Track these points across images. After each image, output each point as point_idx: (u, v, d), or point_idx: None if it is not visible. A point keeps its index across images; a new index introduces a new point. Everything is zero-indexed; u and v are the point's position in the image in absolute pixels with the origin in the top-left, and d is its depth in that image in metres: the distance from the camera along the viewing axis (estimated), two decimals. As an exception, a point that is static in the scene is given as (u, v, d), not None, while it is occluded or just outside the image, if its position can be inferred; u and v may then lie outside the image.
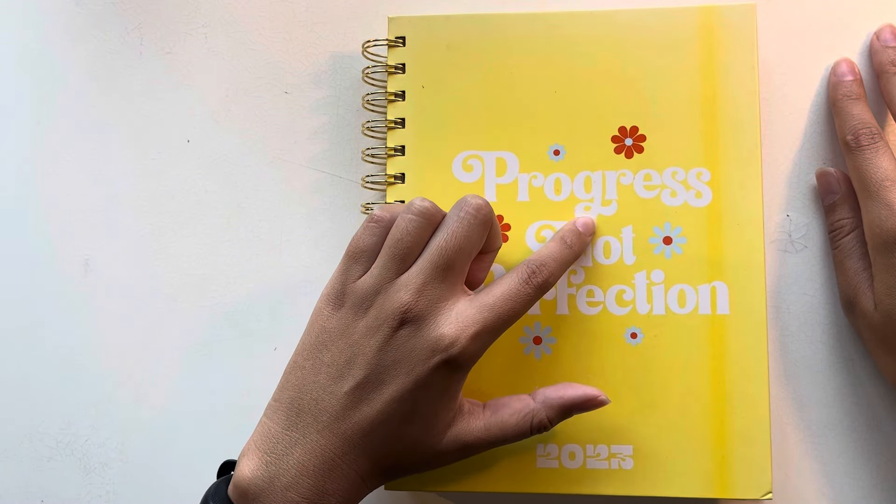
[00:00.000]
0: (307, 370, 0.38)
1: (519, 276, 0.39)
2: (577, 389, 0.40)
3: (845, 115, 0.44)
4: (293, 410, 0.38)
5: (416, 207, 0.39)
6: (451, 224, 0.38)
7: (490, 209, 0.39)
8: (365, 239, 0.39)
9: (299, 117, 0.49)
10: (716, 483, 0.42)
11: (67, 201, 0.50)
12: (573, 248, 0.42)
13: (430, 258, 0.38)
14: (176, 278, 0.49)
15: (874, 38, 0.45)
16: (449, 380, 0.37)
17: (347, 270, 0.39)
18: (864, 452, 0.45)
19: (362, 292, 0.38)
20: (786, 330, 0.45)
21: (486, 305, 0.38)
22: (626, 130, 0.44)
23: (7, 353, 0.49)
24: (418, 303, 0.37)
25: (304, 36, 0.49)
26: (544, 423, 0.40)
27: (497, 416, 0.39)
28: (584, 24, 0.44)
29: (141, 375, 0.48)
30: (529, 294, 0.39)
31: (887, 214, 0.41)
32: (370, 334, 0.37)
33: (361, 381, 0.37)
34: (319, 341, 0.38)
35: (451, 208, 0.39)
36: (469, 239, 0.38)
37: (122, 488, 0.48)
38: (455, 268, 0.38)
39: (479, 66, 0.45)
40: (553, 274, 0.40)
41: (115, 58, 0.50)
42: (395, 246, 0.38)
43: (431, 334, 0.37)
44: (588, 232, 0.43)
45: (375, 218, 0.39)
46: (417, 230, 0.38)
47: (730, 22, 0.44)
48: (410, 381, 0.37)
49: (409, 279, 0.38)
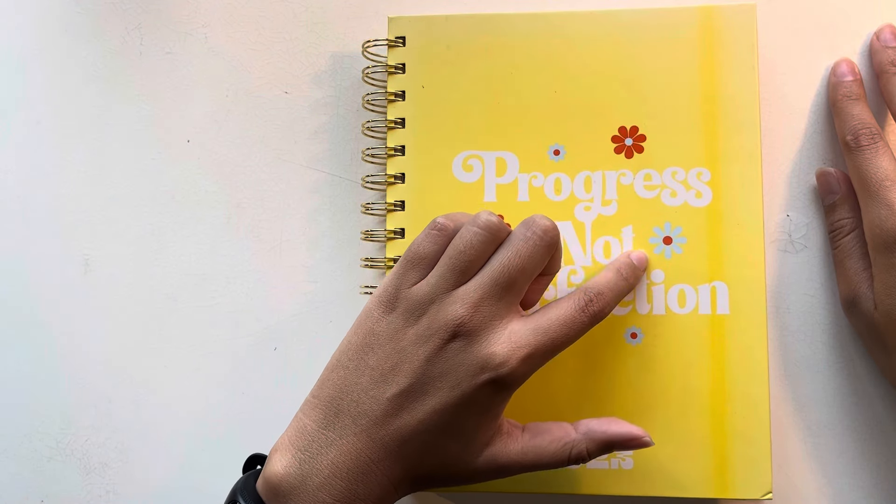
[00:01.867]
0: (350, 370, 0.37)
1: (576, 304, 0.38)
2: (623, 427, 0.39)
3: (845, 116, 0.44)
4: (332, 410, 0.37)
5: (483, 221, 0.38)
6: (517, 242, 0.38)
7: (558, 232, 0.38)
8: (426, 246, 0.38)
9: (299, 117, 0.49)
10: (716, 483, 0.42)
11: (67, 201, 0.50)
12: (628, 280, 0.41)
13: (491, 274, 0.37)
14: (176, 278, 0.49)
15: (874, 38, 0.45)
16: (493, 399, 0.37)
17: (403, 275, 0.38)
18: (864, 452, 0.45)
19: (416, 299, 0.37)
20: (786, 330, 0.45)
21: (541, 329, 0.37)
22: (626, 130, 0.44)
23: (7, 353, 0.49)
24: (473, 318, 0.37)
25: (304, 36, 0.49)
26: (583, 456, 0.38)
27: (535, 441, 0.38)
28: (584, 24, 0.44)
29: (141, 375, 0.48)
30: (584, 322, 0.38)
31: (887, 214, 0.41)
32: (420, 343, 0.37)
33: (405, 388, 0.36)
34: (366, 343, 0.38)
35: (518, 226, 0.38)
36: (533, 260, 0.38)
37: (122, 488, 0.48)
38: (515, 287, 0.37)
39: (479, 66, 0.45)
40: (608, 304, 0.39)
41: (115, 58, 0.50)
42: (457, 257, 0.38)
43: (482, 351, 0.36)
44: (642, 266, 0.42)
45: (438, 226, 0.39)
46: (482, 244, 0.38)
47: (730, 22, 0.44)
48: (455, 395, 0.36)
49: (467, 293, 0.37)
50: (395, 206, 0.45)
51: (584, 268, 0.44)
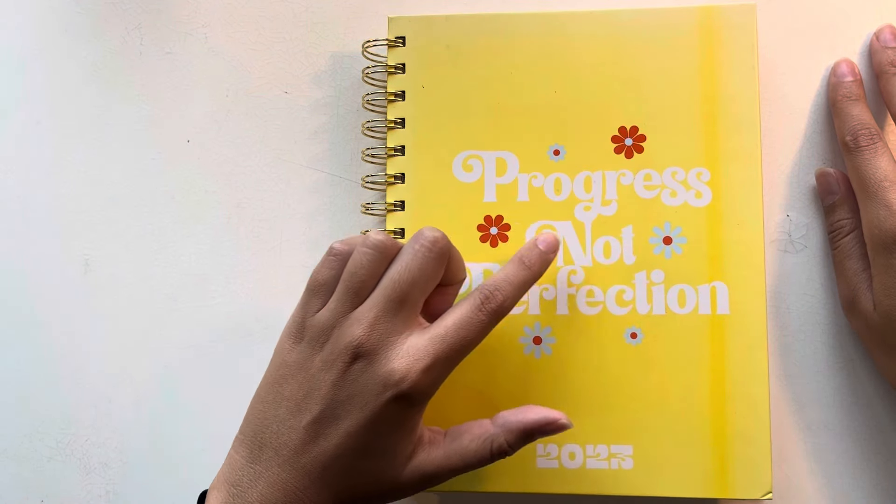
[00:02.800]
0: (268, 404, 0.38)
1: (472, 303, 0.38)
2: (538, 412, 0.39)
3: (845, 116, 0.44)
4: (256, 444, 0.38)
5: (371, 241, 0.38)
6: (406, 257, 0.38)
7: (447, 242, 0.38)
8: (323, 272, 0.39)
9: (299, 117, 0.49)
10: (716, 483, 0.42)
11: (67, 201, 0.50)
12: (532, 268, 0.40)
13: (382, 292, 0.38)
14: (176, 278, 0.49)
15: (874, 38, 0.45)
16: (404, 414, 0.37)
17: (307, 304, 0.39)
18: (864, 452, 0.45)
19: (320, 326, 0.38)
20: (786, 330, 0.45)
21: (438, 336, 0.37)
22: (626, 130, 0.44)
23: (7, 353, 0.49)
24: (370, 337, 0.37)
25: (304, 36, 0.49)
26: (504, 448, 0.39)
27: (456, 444, 0.39)
28: (584, 24, 0.44)
29: (141, 375, 0.48)
30: (483, 321, 0.38)
31: (886, 215, 0.41)
32: (326, 369, 0.37)
33: (318, 415, 0.37)
34: (280, 375, 0.38)
35: (408, 241, 0.39)
36: (423, 272, 0.38)
37: (122, 488, 0.48)
38: (409, 301, 0.38)
39: (479, 66, 0.45)
40: (508, 298, 0.39)
41: (115, 58, 0.50)
42: (350, 279, 0.38)
43: (382, 369, 0.37)
44: (550, 249, 0.41)
45: (334, 251, 0.39)
46: (371, 263, 0.38)
47: (730, 22, 0.44)
48: (365, 416, 0.36)
49: (362, 313, 0.37)
50: (395, 206, 0.45)
51: (584, 268, 0.44)
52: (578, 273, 0.44)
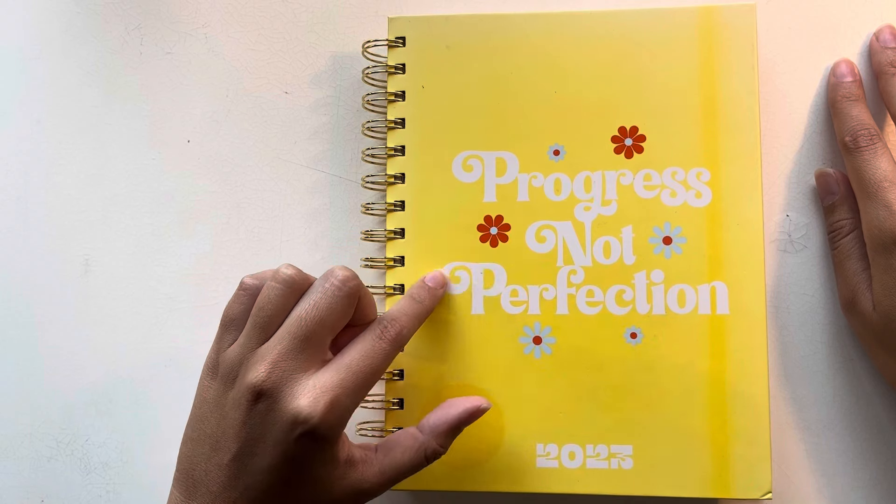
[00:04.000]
0: (194, 441, 0.38)
1: (372, 334, 0.39)
2: (458, 406, 0.40)
3: (844, 117, 0.44)
4: (189, 482, 0.38)
5: (281, 275, 0.38)
6: (315, 295, 0.38)
7: (358, 282, 0.38)
8: (234, 307, 0.39)
9: (299, 117, 0.49)
10: (716, 483, 0.42)
11: (67, 201, 0.50)
12: (423, 303, 0.42)
13: (288, 329, 0.38)
14: (176, 278, 0.49)
15: (873, 38, 0.45)
16: (318, 448, 0.37)
17: (221, 339, 0.39)
18: (864, 452, 0.45)
19: (230, 362, 0.38)
20: (786, 330, 0.45)
21: (343, 366, 0.38)
22: (626, 130, 0.44)
23: (7, 353, 0.49)
24: (271, 375, 0.37)
25: (304, 36, 0.49)
26: (437, 451, 0.40)
27: (389, 458, 0.39)
28: (584, 24, 0.44)
29: (141, 375, 0.48)
30: (385, 349, 0.39)
31: (886, 215, 0.41)
32: (235, 407, 0.37)
33: (236, 453, 0.37)
34: (201, 413, 0.38)
35: (318, 278, 0.39)
36: (332, 311, 0.38)
37: (122, 488, 0.48)
38: (314, 339, 0.37)
39: (479, 66, 0.45)
40: (405, 327, 0.40)
41: (115, 58, 0.50)
42: (258, 315, 0.38)
43: (287, 408, 0.36)
44: (437, 285, 0.43)
45: (244, 286, 0.39)
46: (279, 298, 0.38)
47: (730, 22, 0.44)
48: (279, 453, 0.36)
49: (267, 350, 0.37)
50: (395, 206, 0.45)
51: (583, 268, 0.44)
52: (578, 273, 0.44)
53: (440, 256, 0.44)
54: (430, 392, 0.44)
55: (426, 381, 0.44)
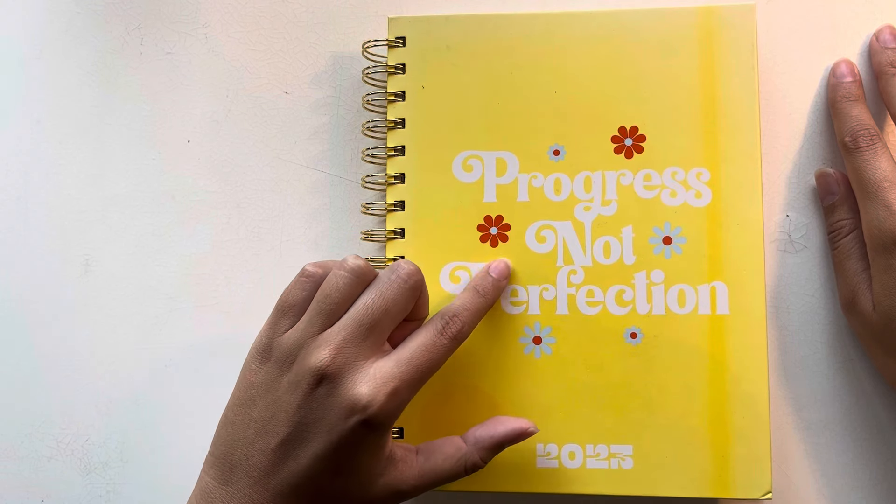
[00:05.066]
0: (237, 425, 0.38)
1: (434, 328, 0.39)
2: (507, 425, 0.40)
3: (844, 117, 0.44)
4: (227, 465, 0.38)
5: (349, 265, 0.38)
6: (381, 285, 0.38)
7: (422, 277, 0.39)
8: (295, 293, 0.39)
9: (299, 117, 0.49)
10: (716, 483, 0.42)
11: (67, 201, 0.50)
12: (486, 296, 0.42)
13: (354, 316, 0.38)
14: (176, 278, 0.49)
15: (873, 39, 0.45)
16: (371, 437, 0.37)
17: (275, 324, 0.39)
18: (864, 452, 0.45)
19: (287, 347, 0.38)
20: (786, 330, 0.45)
21: (404, 360, 0.38)
22: (626, 130, 0.44)
23: (7, 353, 0.49)
24: (335, 360, 0.37)
25: (304, 36, 0.49)
26: (478, 464, 0.40)
27: (430, 463, 0.39)
28: (584, 24, 0.44)
29: (141, 375, 0.48)
30: (445, 345, 0.39)
31: (886, 215, 0.41)
32: (291, 390, 0.37)
33: (286, 438, 0.37)
34: (248, 396, 0.38)
35: (384, 270, 0.39)
36: (397, 302, 0.38)
37: (122, 488, 0.48)
38: (378, 328, 0.38)
39: (479, 66, 0.45)
40: (467, 323, 0.40)
41: (115, 58, 0.50)
42: (324, 301, 0.38)
43: (348, 394, 0.36)
44: (501, 277, 0.43)
45: (307, 273, 0.39)
46: (347, 287, 0.38)
47: (729, 22, 0.44)
48: (332, 439, 0.36)
49: (331, 335, 0.38)
50: (395, 206, 0.45)
51: (584, 268, 0.44)
52: (578, 273, 0.44)
53: (440, 256, 0.44)
54: (430, 393, 0.44)
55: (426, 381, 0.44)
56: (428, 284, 0.44)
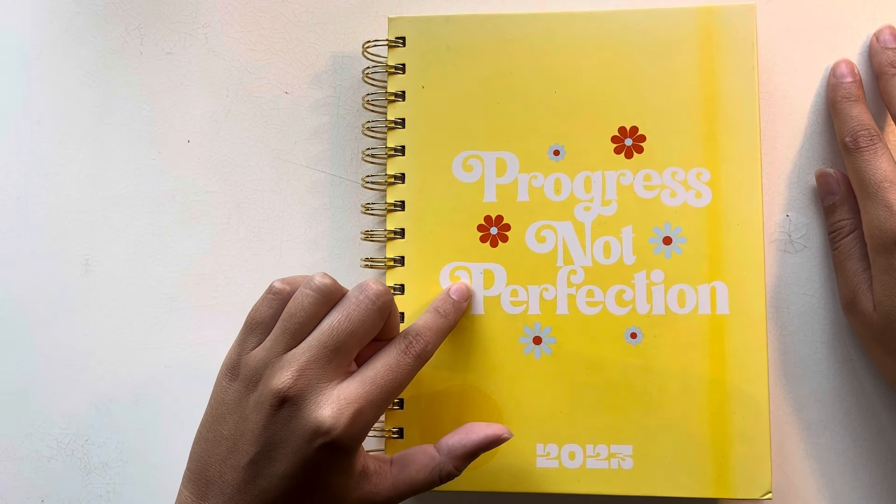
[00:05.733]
0: (210, 442, 0.38)
1: (398, 348, 0.39)
2: (479, 432, 0.40)
3: (844, 117, 0.44)
4: (202, 481, 0.38)
5: (315, 283, 0.38)
6: (348, 306, 0.38)
7: (390, 298, 0.39)
8: (262, 310, 0.39)
9: (299, 117, 0.49)
10: (716, 483, 0.42)
11: (67, 201, 0.50)
12: (447, 317, 0.42)
13: (319, 337, 0.37)
14: (176, 278, 0.49)
15: (874, 39, 0.45)
16: (338, 457, 0.37)
17: (243, 341, 0.39)
18: (864, 452, 0.45)
19: (253, 366, 0.38)
20: (786, 330, 0.45)
21: (368, 379, 0.37)
22: (626, 130, 0.44)
23: (7, 353, 0.49)
24: (297, 382, 0.36)
25: (304, 36, 0.49)
26: (452, 473, 0.40)
27: (404, 474, 0.39)
28: (584, 25, 0.44)
29: (141, 375, 0.48)
30: (409, 364, 0.39)
31: (886, 216, 0.41)
32: (257, 410, 0.37)
33: (254, 457, 0.37)
34: (218, 413, 0.38)
35: (352, 289, 0.39)
36: (363, 324, 0.38)
37: (122, 488, 0.48)
38: (343, 350, 0.37)
39: (479, 66, 0.45)
40: (430, 342, 0.40)
41: (115, 58, 0.50)
42: (289, 320, 0.38)
43: (311, 417, 0.36)
44: (462, 298, 0.43)
45: (274, 290, 0.39)
46: (312, 306, 0.38)
47: (729, 22, 0.44)
48: (298, 460, 0.36)
49: (294, 357, 0.37)
50: (395, 206, 0.45)
51: (583, 268, 0.44)
52: (578, 273, 0.44)
53: (440, 256, 0.44)
54: (430, 394, 0.44)
55: (426, 382, 0.44)
56: (428, 284, 0.44)
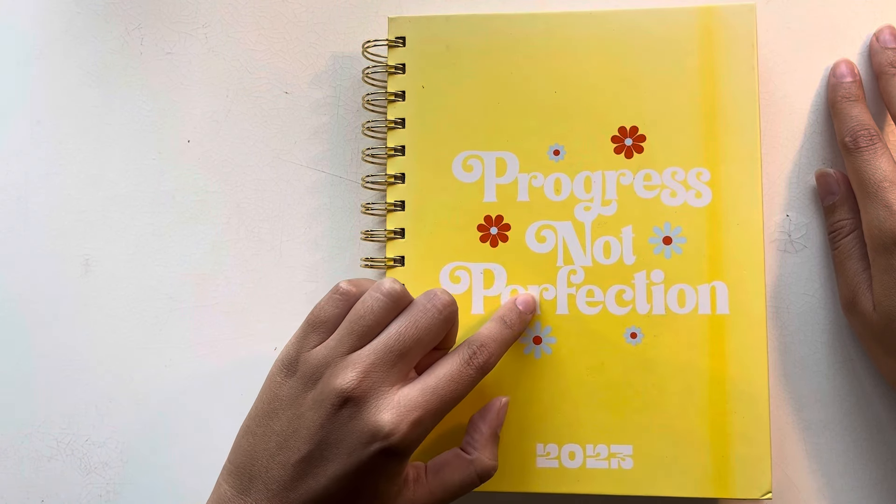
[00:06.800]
0: (258, 437, 0.38)
1: (461, 358, 0.39)
2: (487, 412, 0.41)
3: (844, 117, 0.44)
4: (246, 475, 0.37)
5: (386, 288, 0.38)
6: (416, 313, 0.38)
7: (456, 308, 0.39)
8: (327, 309, 0.39)
9: (299, 117, 0.49)
10: (716, 483, 0.42)
11: (67, 201, 0.50)
12: (513, 328, 0.41)
13: (386, 341, 0.37)
14: (176, 278, 0.49)
15: (873, 39, 0.45)
16: (390, 464, 0.37)
17: (304, 338, 0.39)
18: (864, 452, 0.45)
19: (314, 363, 0.38)
20: (786, 330, 0.45)
21: (429, 388, 0.37)
22: (626, 130, 0.44)
23: (7, 353, 0.49)
24: (362, 384, 0.36)
25: (304, 36, 0.49)
26: (488, 467, 0.40)
27: (440, 479, 0.39)
28: (584, 25, 0.44)
29: (141, 375, 0.48)
30: (472, 375, 0.39)
31: (886, 216, 0.41)
32: (315, 408, 0.37)
33: (306, 455, 0.37)
34: (271, 408, 0.38)
35: (420, 297, 0.39)
36: (430, 331, 0.38)
37: (122, 488, 0.48)
38: (408, 356, 0.38)
39: (479, 66, 0.45)
40: (493, 354, 0.40)
41: (115, 58, 0.50)
42: (357, 322, 0.38)
43: (371, 420, 0.36)
44: (528, 310, 0.43)
45: (341, 290, 0.39)
46: (382, 310, 0.38)
47: (729, 22, 0.44)
48: (352, 462, 0.36)
49: (360, 358, 0.37)
50: (395, 206, 0.45)
51: (583, 268, 0.44)
52: (578, 273, 0.44)
53: (440, 256, 0.44)
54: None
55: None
56: (428, 284, 0.44)
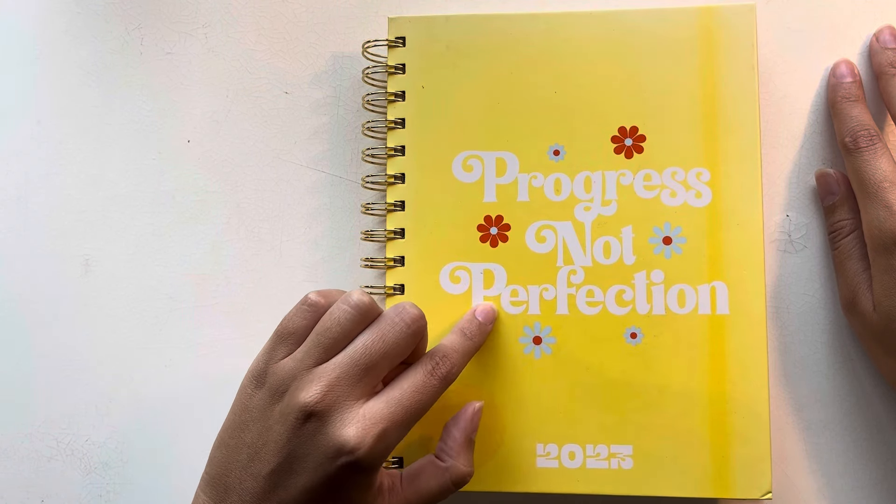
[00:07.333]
0: (231, 448, 0.38)
1: (424, 369, 0.39)
2: (460, 418, 0.41)
3: (844, 117, 0.44)
4: (221, 487, 0.38)
5: (354, 300, 0.38)
6: (384, 326, 0.38)
7: (425, 323, 0.39)
8: (295, 321, 0.39)
9: (299, 117, 0.49)
10: (715, 483, 0.42)
11: (67, 201, 0.50)
12: (473, 339, 0.42)
13: (352, 355, 0.37)
14: (176, 278, 0.49)
15: (873, 39, 0.45)
16: (359, 477, 0.37)
17: (273, 350, 0.39)
18: (864, 452, 0.45)
19: (281, 376, 0.38)
20: (785, 330, 0.45)
21: (394, 400, 0.37)
22: (626, 130, 0.44)
23: (7, 353, 0.49)
24: (325, 398, 0.36)
25: (304, 36, 0.49)
26: (464, 473, 0.40)
27: (415, 487, 0.40)
28: (584, 25, 0.44)
29: (141, 375, 0.48)
30: (435, 386, 0.39)
31: (886, 216, 0.41)
32: (281, 421, 0.37)
33: (275, 467, 0.37)
34: (241, 420, 0.38)
35: (388, 310, 0.39)
36: (397, 346, 0.38)
37: (122, 488, 0.48)
38: (374, 371, 0.37)
39: (479, 66, 0.45)
40: (456, 364, 0.40)
41: (115, 58, 0.50)
42: (323, 334, 0.38)
43: (335, 434, 0.36)
44: (488, 321, 0.43)
45: (310, 301, 0.39)
46: (349, 322, 0.38)
47: (729, 22, 0.44)
48: (319, 476, 0.36)
49: (325, 371, 0.37)
50: (395, 206, 0.45)
51: (583, 268, 0.44)
52: (578, 273, 0.44)
53: (440, 256, 0.44)
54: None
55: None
56: (428, 285, 0.44)
